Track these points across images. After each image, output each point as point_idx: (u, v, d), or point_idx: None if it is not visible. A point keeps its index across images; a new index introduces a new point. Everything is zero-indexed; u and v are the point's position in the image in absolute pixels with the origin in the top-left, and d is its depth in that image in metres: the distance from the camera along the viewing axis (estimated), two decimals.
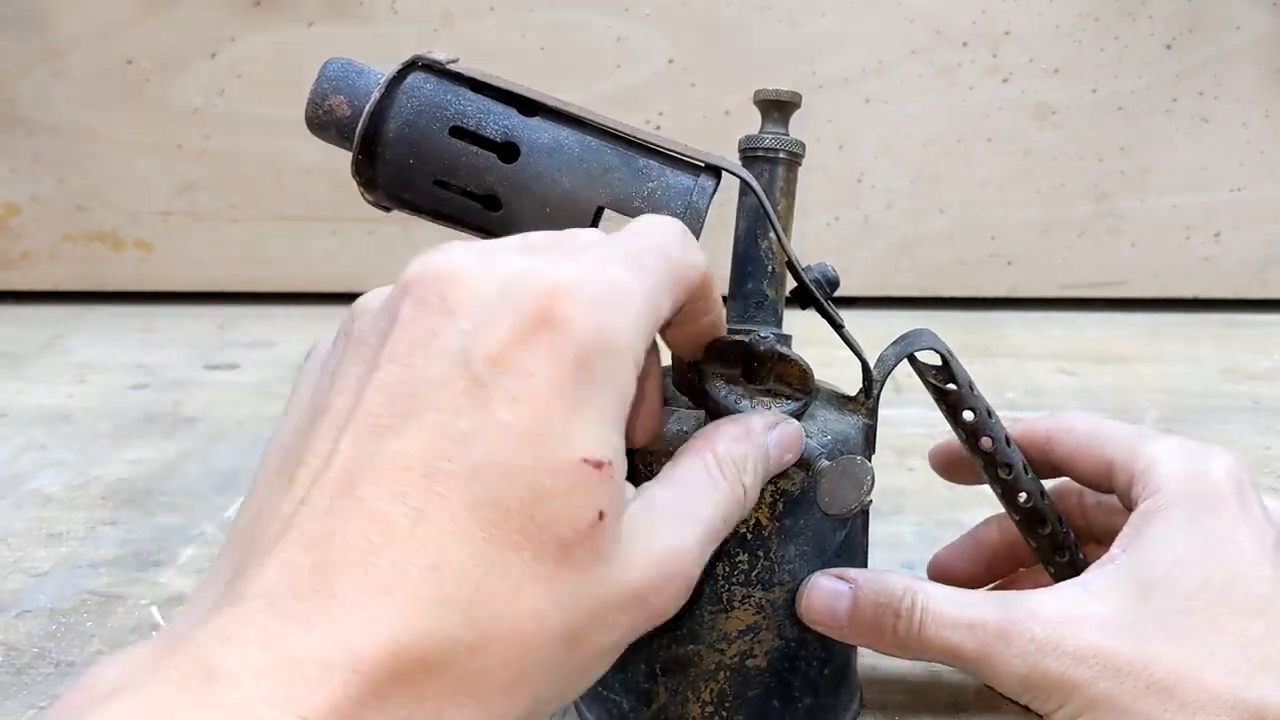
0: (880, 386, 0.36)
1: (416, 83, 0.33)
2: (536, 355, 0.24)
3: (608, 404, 0.25)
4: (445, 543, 0.23)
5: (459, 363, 0.25)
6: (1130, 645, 0.31)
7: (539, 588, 0.24)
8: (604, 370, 0.25)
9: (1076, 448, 0.38)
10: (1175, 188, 0.93)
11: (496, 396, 0.24)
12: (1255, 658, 0.30)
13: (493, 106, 0.33)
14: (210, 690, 0.21)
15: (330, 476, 0.24)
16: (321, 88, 0.33)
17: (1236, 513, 0.33)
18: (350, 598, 0.22)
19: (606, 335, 0.25)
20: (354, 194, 0.33)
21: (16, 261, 0.99)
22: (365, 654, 0.22)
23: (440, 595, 0.23)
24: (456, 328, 0.25)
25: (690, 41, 0.91)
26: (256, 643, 0.22)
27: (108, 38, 0.93)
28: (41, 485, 0.61)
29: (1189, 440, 0.36)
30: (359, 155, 0.33)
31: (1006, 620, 0.32)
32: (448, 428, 0.24)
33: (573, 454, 0.24)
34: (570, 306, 0.25)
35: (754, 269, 0.37)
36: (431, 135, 0.32)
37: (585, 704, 0.39)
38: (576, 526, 0.24)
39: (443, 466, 0.24)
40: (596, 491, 0.24)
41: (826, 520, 0.34)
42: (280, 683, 0.21)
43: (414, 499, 0.23)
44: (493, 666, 0.23)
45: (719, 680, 0.35)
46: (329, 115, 0.33)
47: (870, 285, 0.96)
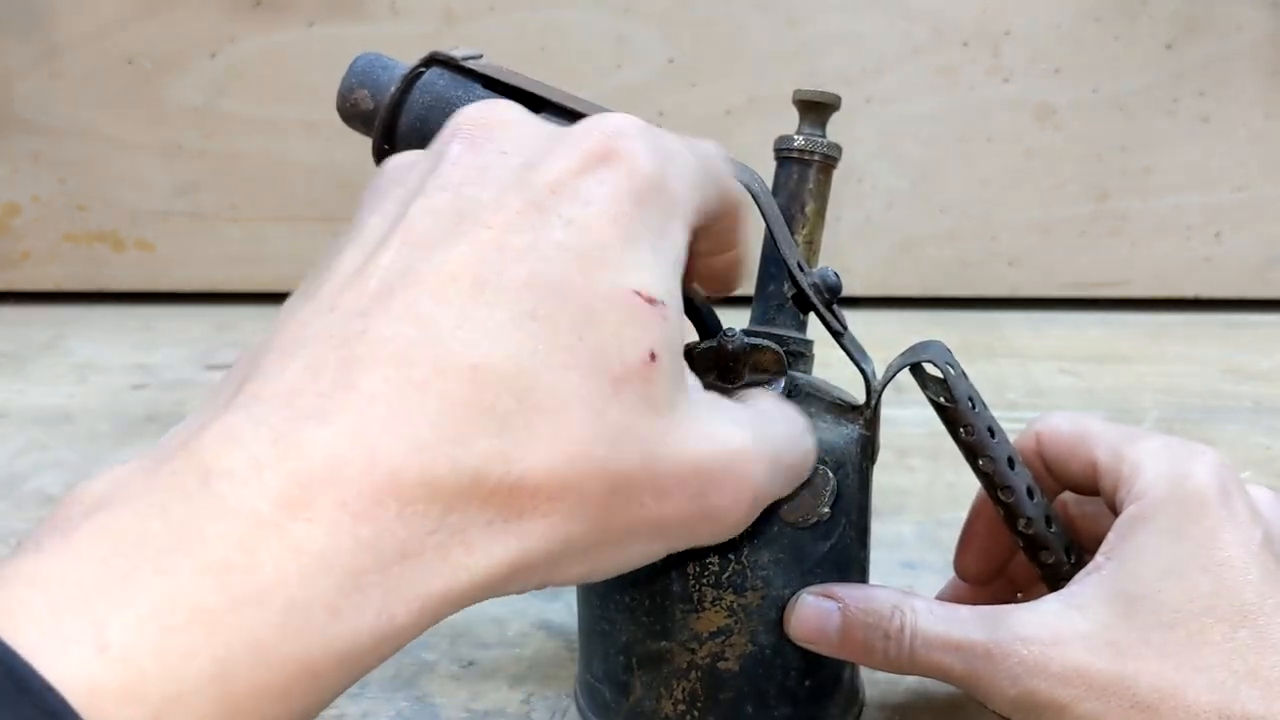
0: (879, 396, 0.36)
1: (432, 79, 0.34)
2: (597, 185, 0.24)
3: (664, 246, 0.25)
4: (489, 348, 0.22)
5: (515, 187, 0.24)
6: (1114, 664, 0.31)
7: (585, 413, 0.22)
8: (661, 212, 0.25)
9: (1064, 450, 0.37)
10: (1176, 187, 0.93)
11: (553, 220, 0.23)
12: (1240, 669, 0.30)
13: None
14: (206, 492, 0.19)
15: (366, 285, 0.23)
16: (349, 82, 0.34)
17: (1221, 516, 0.32)
18: (376, 391, 0.21)
19: (666, 180, 0.25)
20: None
21: (17, 261, 0.99)
22: (386, 454, 0.20)
23: (479, 400, 0.21)
24: (511, 163, 0.25)
25: (690, 41, 0.91)
26: (264, 440, 0.20)
27: (108, 38, 0.92)
28: (42, 485, 0.61)
29: (1174, 440, 0.35)
30: (383, 147, 0.34)
31: (993, 641, 0.32)
32: (499, 243, 0.23)
33: (626, 282, 0.23)
34: (632, 145, 0.25)
35: (777, 271, 0.37)
36: None
37: (580, 693, 0.39)
38: (626, 360, 0.23)
39: (492, 279, 0.23)
40: (649, 328, 0.23)
41: (804, 529, 0.34)
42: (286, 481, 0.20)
43: (459, 304, 0.22)
44: (527, 486, 0.22)
45: (690, 679, 0.35)
46: (355, 108, 0.34)
47: (870, 285, 0.95)
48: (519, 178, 0.24)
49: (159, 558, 0.19)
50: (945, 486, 0.60)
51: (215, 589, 0.19)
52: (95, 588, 0.19)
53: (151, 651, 0.18)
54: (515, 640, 0.46)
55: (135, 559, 0.19)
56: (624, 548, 0.25)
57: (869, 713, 0.40)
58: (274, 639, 0.19)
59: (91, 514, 0.20)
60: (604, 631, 0.36)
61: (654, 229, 0.25)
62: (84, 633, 0.18)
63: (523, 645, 0.45)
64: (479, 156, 0.25)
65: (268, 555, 0.19)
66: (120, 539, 0.19)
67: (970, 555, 0.40)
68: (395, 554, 0.20)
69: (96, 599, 0.18)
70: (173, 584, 0.19)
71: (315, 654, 0.20)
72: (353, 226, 0.26)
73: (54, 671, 0.17)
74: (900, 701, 0.40)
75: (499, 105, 0.27)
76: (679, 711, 0.35)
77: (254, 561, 0.19)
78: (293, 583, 0.19)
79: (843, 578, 0.36)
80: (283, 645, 0.19)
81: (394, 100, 0.33)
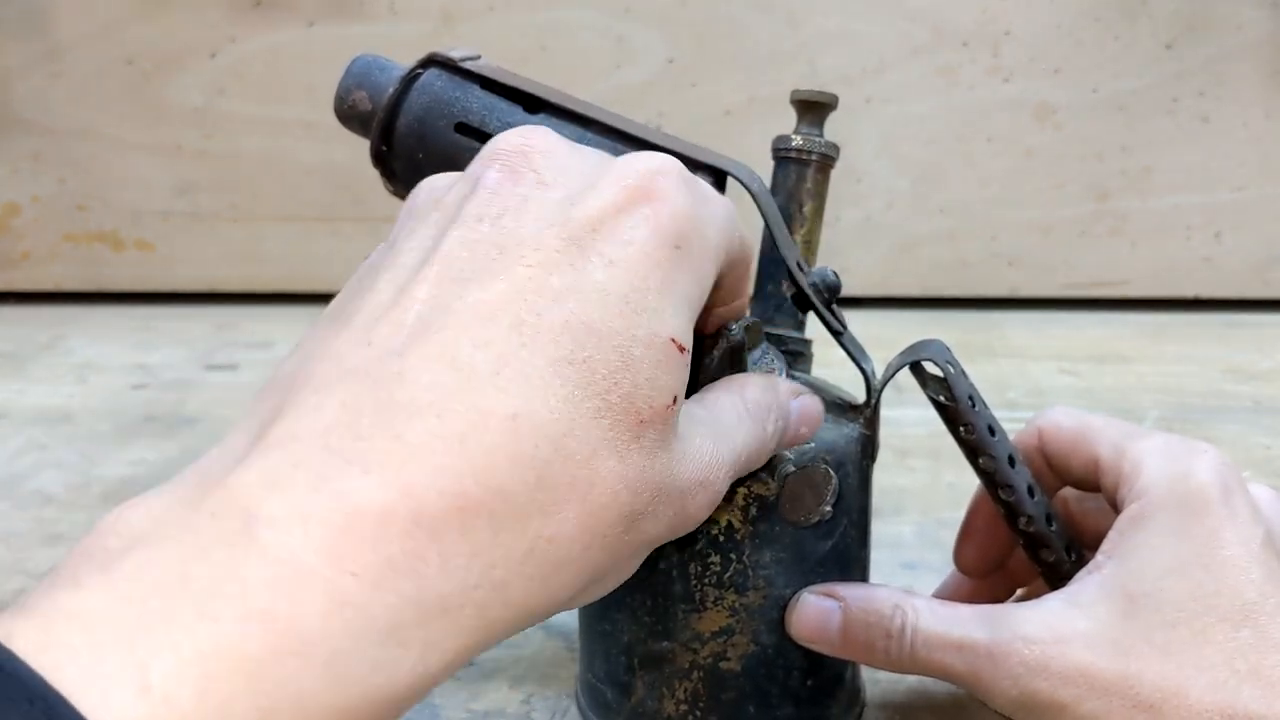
0: (878, 395, 0.36)
1: (429, 80, 0.34)
2: (638, 226, 0.24)
3: (693, 291, 0.25)
4: (528, 395, 0.22)
5: (555, 223, 0.24)
6: (1116, 663, 0.31)
7: (613, 460, 0.23)
8: (696, 256, 0.25)
9: (1065, 447, 0.37)
10: (1176, 187, 0.93)
11: (593, 259, 0.23)
12: (1242, 668, 0.30)
13: (498, 104, 0.33)
14: (249, 539, 0.19)
15: (402, 320, 0.23)
16: (346, 83, 0.34)
17: (1222, 515, 0.32)
18: (419, 442, 0.21)
19: (702, 225, 0.25)
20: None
21: (17, 261, 0.99)
22: (430, 504, 0.20)
23: (517, 450, 0.21)
24: (551, 196, 0.25)
25: (690, 41, 0.91)
26: (305, 485, 0.20)
27: (107, 38, 0.92)
28: (42, 485, 0.61)
29: (1175, 439, 0.35)
30: (381, 147, 0.34)
31: (994, 641, 0.32)
32: (538, 282, 0.23)
33: (665, 329, 0.24)
34: (672, 187, 0.25)
35: (776, 270, 0.37)
36: (438, 131, 0.33)
37: (581, 693, 0.39)
38: (654, 405, 0.23)
39: (530, 320, 0.23)
40: (678, 374, 0.24)
41: (806, 529, 0.34)
42: (331, 531, 0.19)
43: (497, 348, 0.22)
44: (561, 536, 0.22)
45: (693, 679, 0.35)
46: (353, 110, 0.34)
47: (870, 285, 0.95)
48: (559, 212, 0.24)
49: (202, 602, 0.19)
50: (945, 486, 0.60)
51: (258, 637, 0.19)
52: (137, 628, 0.18)
53: (193, 696, 0.18)
54: (515, 640, 0.46)
55: (178, 601, 0.19)
56: (625, 569, 0.26)
57: (870, 712, 0.40)
58: (315, 689, 0.19)
59: (131, 549, 0.20)
60: (605, 632, 0.36)
61: (688, 271, 0.25)
62: (126, 673, 0.18)
63: (523, 645, 0.45)
64: (518, 186, 0.25)
65: (312, 607, 0.19)
66: (162, 579, 0.19)
67: (970, 549, 0.41)
68: (437, 609, 0.21)
69: (139, 639, 0.18)
70: (216, 630, 0.19)
71: (354, 704, 0.20)
72: (389, 249, 0.26)
73: (95, 712, 0.17)
74: (901, 701, 0.40)
75: (538, 132, 0.27)
76: (681, 711, 0.35)
77: (298, 612, 0.19)
78: (336, 635, 0.19)
79: (844, 577, 0.36)
80: (323, 695, 0.19)
81: (392, 101, 0.33)
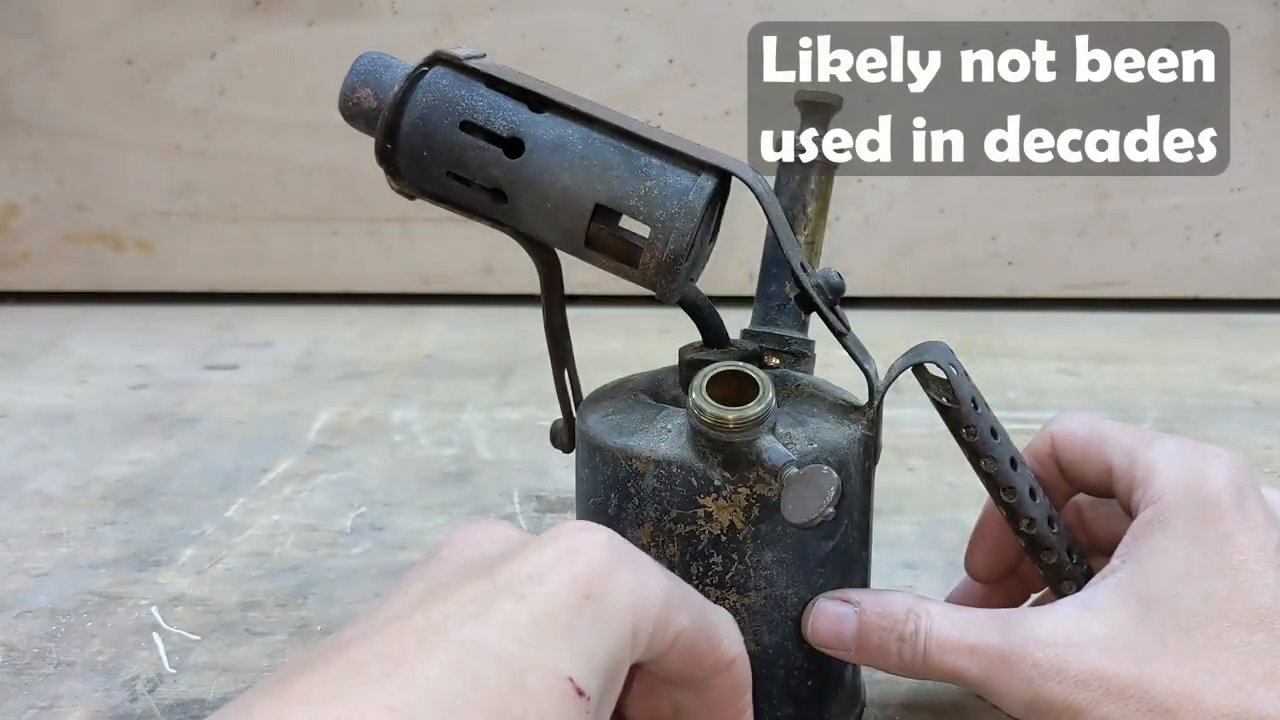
0: (881, 397, 0.36)
1: (435, 78, 0.34)
2: (552, 570, 0.25)
3: (598, 645, 0.25)
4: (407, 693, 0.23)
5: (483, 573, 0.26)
6: (1131, 667, 0.31)
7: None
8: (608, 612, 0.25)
9: (1079, 453, 0.37)
10: (1175, 187, 0.93)
11: (506, 594, 0.25)
12: (1257, 672, 0.30)
13: (503, 102, 0.33)
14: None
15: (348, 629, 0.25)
16: (351, 81, 0.34)
17: (1237, 519, 0.32)
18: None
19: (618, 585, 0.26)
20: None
21: (17, 262, 0.99)
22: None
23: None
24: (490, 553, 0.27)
25: (690, 41, 0.91)
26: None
27: (107, 38, 0.92)
28: (42, 485, 0.61)
29: (1188, 443, 0.35)
30: (386, 145, 0.34)
31: (1008, 644, 0.32)
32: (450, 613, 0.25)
33: (564, 667, 0.24)
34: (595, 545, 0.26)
35: (779, 271, 0.37)
36: (443, 129, 0.33)
37: None
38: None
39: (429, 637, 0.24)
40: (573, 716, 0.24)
41: (807, 530, 0.34)
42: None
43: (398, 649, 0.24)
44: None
45: None
46: (357, 107, 0.34)
47: (870, 285, 0.95)
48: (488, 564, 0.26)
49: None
50: (945, 487, 0.60)
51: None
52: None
53: None
54: None
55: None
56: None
57: (870, 712, 0.40)
58: None
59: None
60: None
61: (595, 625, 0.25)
62: None
63: None
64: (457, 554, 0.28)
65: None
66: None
67: (981, 554, 0.40)
68: None
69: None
70: None
71: None
72: None
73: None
74: (901, 701, 0.40)
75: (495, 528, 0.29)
76: None
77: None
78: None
79: (845, 577, 0.36)
80: None
81: (397, 99, 0.33)
